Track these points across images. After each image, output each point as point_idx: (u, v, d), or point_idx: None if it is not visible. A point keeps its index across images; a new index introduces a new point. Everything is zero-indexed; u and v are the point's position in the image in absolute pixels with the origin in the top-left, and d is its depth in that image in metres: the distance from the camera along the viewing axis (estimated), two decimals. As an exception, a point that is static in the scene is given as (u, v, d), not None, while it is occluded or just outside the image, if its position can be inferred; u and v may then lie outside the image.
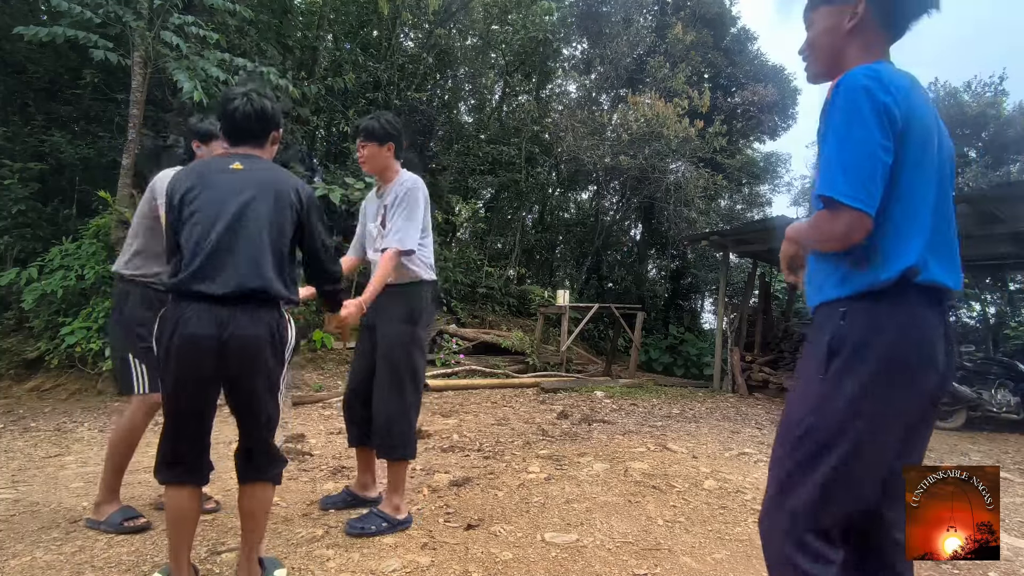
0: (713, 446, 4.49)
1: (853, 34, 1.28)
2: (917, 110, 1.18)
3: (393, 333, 2.52)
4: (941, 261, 1.20)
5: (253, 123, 1.93)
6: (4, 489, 2.96)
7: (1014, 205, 6.20)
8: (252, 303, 1.76)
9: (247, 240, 1.77)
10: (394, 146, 2.67)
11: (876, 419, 1.17)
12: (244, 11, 6.60)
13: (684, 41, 13.33)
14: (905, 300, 1.17)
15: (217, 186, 1.82)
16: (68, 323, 5.75)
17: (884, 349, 1.15)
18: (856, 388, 1.16)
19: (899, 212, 1.18)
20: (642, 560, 2.30)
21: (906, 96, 1.17)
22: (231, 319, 1.72)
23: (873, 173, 1.13)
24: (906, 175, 1.18)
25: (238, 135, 1.95)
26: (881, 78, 1.16)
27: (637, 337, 10.14)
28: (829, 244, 1.22)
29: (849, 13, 1.28)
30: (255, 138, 1.97)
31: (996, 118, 14.78)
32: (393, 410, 2.49)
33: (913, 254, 1.16)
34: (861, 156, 1.14)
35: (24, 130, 7.46)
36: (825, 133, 1.21)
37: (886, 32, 1.29)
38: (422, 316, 2.58)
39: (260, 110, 1.93)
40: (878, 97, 1.13)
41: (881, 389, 1.16)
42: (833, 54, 1.32)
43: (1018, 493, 3.69)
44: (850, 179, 1.13)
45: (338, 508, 2.70)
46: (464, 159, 12.76)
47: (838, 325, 1.20)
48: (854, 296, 1.20)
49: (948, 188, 1.25)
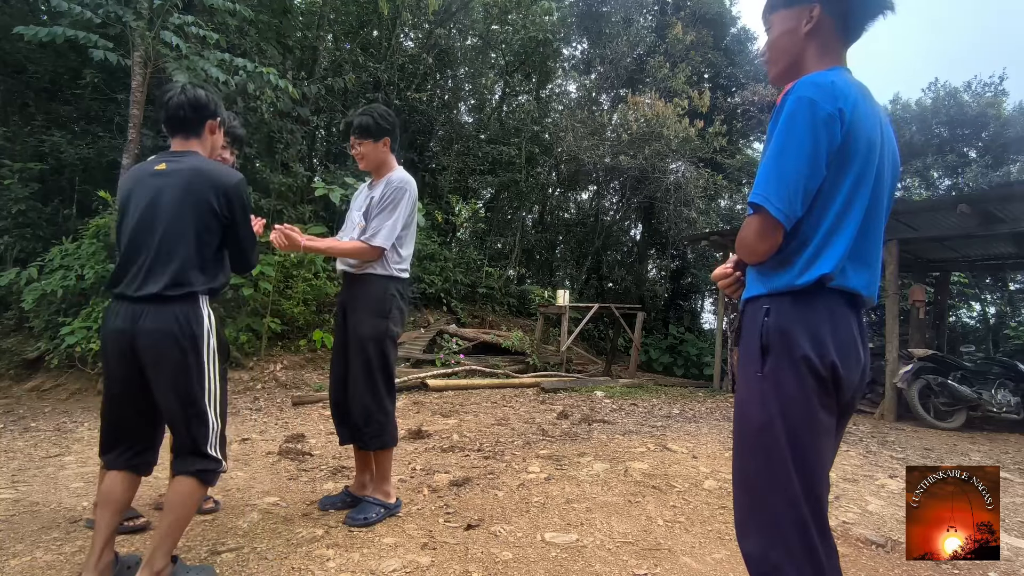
0: (713, 446, 4.49)
1: (810, 37, 1.31)
2: (863, 122, 1.22)
3: (365, 328, 2.56)
4: (858, 269, 1.25)
5: (187, 111, 1.98)
6: (4, 489, 2.96)
7: (1014, 205, 6.20)
8: (159, 300, 1.84)
9: (160, 242, 1.86)
10: (389, 140, 2.66)
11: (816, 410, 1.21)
12: (244, 11, 6.59)
13: (684, 41, 13.34)
14: (820, 300, 1.23)
15: (142, 190, 1.92)
16: (68, 323, 5.75)
17: (803, 340, 1.20)
18: (792, 381, 1.21)
19: (826, 221, 1.22)
20: (642, 560, 2.30)
21: (853, 107, 1.20)
22: (142, 314, 1.83)
23: (798, 188, 1.18)
24: (840, 186, 1.22)
25: (173, 124, 2.01)
26: (829, 88, 1.19)
27: (637, 337, 10.14)
28: (744, 250, 1.29)
29: (806, 16, 1.30)
30: (190, 127, 2.02)
31: (996, 118, 14.77)
32: (369, 402, 2.54)
33: (831, 262, 1.20)
34: (794, 170, 1.18)
35: (24, 130, 7.47)
36: (768, 140, 1.25)
37: (842, 35, 1.32)
38: (392, 310, 2.61)
39: (193, 98, 1.98)
40: (823, 109, 1.17)
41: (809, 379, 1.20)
42: (791, 56, 1.35)
43: (1018, 493, 3.69)
44: (783, 191, 1.18)
45: (337, 508, 2.70)
46: (464, 159, 12.76)
47: (763, 321, 1.25)
48: (773, 293, 1.25)
49: (883, 199, 1.29)
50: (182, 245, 1.87)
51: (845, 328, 1.23)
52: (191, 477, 1.85)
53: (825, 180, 1.20)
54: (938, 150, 15.33)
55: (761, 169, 1.23)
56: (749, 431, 1.27)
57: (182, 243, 1.87)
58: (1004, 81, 15.70)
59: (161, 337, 1.81)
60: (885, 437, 5.59)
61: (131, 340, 1.81)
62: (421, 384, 6.96)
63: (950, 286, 11.65)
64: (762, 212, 1.20)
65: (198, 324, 1.88)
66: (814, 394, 1.20)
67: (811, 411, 1.20)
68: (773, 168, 1.20)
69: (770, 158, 1.21)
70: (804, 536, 1.18)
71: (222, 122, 2.14)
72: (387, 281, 2.62)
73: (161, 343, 1.81)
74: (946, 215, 6.73)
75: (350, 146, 2.68)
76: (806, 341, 1.20)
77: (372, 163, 2.68)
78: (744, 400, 1.29)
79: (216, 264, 1.97)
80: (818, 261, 1.21)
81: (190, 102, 1.98)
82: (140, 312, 1.82)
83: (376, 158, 2.66)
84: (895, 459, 4.55)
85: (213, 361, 1.92)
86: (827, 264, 1.20)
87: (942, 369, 6.70)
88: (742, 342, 1.34)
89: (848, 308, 1.25)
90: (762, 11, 1.42)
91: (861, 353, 1.27)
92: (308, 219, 8.97)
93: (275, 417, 5.13)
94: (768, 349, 1.23)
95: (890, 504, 3.23)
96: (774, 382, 1.22)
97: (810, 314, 1.22)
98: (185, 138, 2.02)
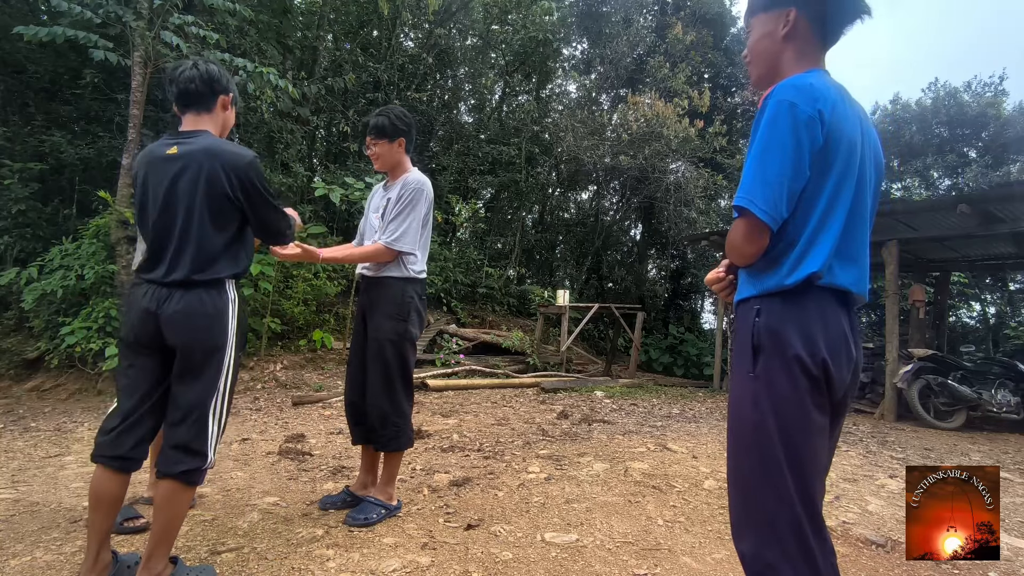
0: (713, 446, 4.49)
1: (787, 40, 1.34)
2: (843, 122, 1.24)
3: (385, 331, 2.58)
4: (845, 266, 1.26)
5: (199, 85, 1.96)
6: (4, 489, 2.96)
7: (1014, 205, 6.20)
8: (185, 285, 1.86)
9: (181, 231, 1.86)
10: (405, 141, 2.69)
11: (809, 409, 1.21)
12: (244, 11, 6.59)
13: (684, 41, 13.34)
14: (809, 299, 1.24)
15: (157, 177, 1.90)
16: (68, 323, 5.75)
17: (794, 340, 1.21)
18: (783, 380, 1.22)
19: (812, 220, 1.23)
20: (642, 560, 2.30)
21: (832, 108, 1.22)
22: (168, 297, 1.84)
23: (782, 189, 1.20)
24: (823, 186, 1.24)
25: (184, 100, 1.98)
26: (808, 90, 1.21)
27: (637, 337, 10.14)
28: (733, 253, 1.31)
29: (783, 20, 1.33)
30: (202, 102, 1.99)
31: (996, 118, 14.78)
32: (386, 404, 2.56)
33: (818, 261, 1.22)
34: (777, 172, 1.20)
35: (24, 130, 7.46)
36: (751, 143, 1.27)
37: (819, 38, 1.34)
38: (411, 312, 2.63)
39: (206, 72, 1.97)
40: (804, 111, 1.19)
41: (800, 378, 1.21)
42: (770, 59, 1.38)
43: (1018, 493, 3.69)
44: (767, 193, 1.20)
45: (337, 508, 2.70)
46: (464, 159, 12.75)
47: (754, 322, 1.26)
48: (763, 295, 1.27)
49: (866, 197, 1.31)
50: (202, 232, 1.87)
51: (835, 326, 1.24)
52: (174, 480, 1.81)
53: (809, 181, 1.22)
54: (938, 150, 15.33)
55: (745, 172, 1.25)
56: (742, 431, 1.28)
57: (202, 230, 1.87)
58: (1004, 81, 15.73)
59: (185, 319, 1.83)
60: (885, 437, 5.59)
61: (156, 321, 1.84)
62: (421, 384, 6.96)
63: (950, 286, 11.65)
64: (747, 215, 1.22)
65: (223, 309, 1.91)
66: (806, 393, 1.21)
67: (804, 410, 1.21)
68: (757, 171, 1.22)
69: (753, 161, 1.23)
70: (799, 535, 1.18)
71: (235, 100, 2.12)
72: (405, 284, 2.63)
73: (185, 325, 1.83)
74: (946, 215, 6.73)
75: (366, 146, 2.71)
76: (797, 340, 1.21)
77: (387, 163, 2.70)
78: (737, 400, 1.30)
79: (239, 246, 1.98)
80: (805, 260, 1.22)
81: (202, 76, 1.95)
82: (167, 295, 1.84)
83: (391, 159, 2.68)
84: (895, 459, 4.55)
85: (231, 346, 1.93)
86: (814, 263, 1.21)
87: (942, 369, 6.70)
88: (734, 343, 1.35)
89: (839, 306, 1.26)
90: (743, 15, 1.45)
91: (852, 350, 1.27)
92: (308, 219, 8.97)
93: (275, 417, 5.13)
94: (759, 349, 1.24)
95: (890, 504, 3.23)
96: (766, 382, 1.23)
97: (800, 313, 1.23)
98: (197, 114, 1.99)
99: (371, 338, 2.61)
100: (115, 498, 1.84)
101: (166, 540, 1.80)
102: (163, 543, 1.79)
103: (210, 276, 1.88)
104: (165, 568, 1.80)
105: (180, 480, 1.81)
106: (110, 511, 1.84)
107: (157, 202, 1.88)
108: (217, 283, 1.91)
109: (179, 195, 1.87)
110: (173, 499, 1.81)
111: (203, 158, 1.87)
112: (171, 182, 1.87)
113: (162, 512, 1.80)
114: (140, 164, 1.95)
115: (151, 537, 1.81)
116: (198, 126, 1.99)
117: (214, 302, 1.88)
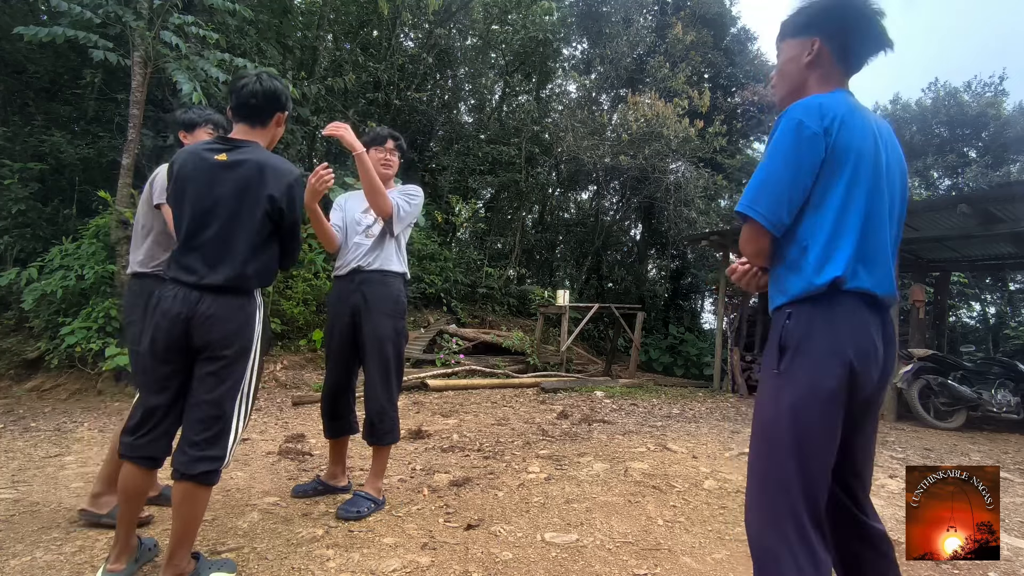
0: (713, 446, 4.49)
1: (811, 67, 1.44)
2: (851, 135, 1.31)
3: (386, 329, 2.68)
4: (870, 270, 1.32)
5: (260, 100, 1.99)
6: (4, 489, 2.96)
7: (1014, 205, 6.20)
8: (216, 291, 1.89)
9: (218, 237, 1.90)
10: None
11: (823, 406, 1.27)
12: (244, 11, 6.59)
13: (684, 41, 13.33)
14: (837, 303, 1.30)
15: (201, 179, 1.92)
16: (68, 323, 5.75)
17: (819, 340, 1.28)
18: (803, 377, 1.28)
19: (825, 226, 1.31)
20: (642, 560, 2.30)
21: (840, 123, 1.30)
22: (199, 300, 1.87)
23: (782, 197, 1.30)
24: (832, 194, 1.31)
25: (242, 112, 2.02)
26: (816, 109, 1.30)
27: (637, 337, 10.14)
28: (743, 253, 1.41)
29: (808, 48, 1.42)
30: (258, 116, 2.03)
31: (996, 118, 14.78)
32: (384, 401, 2.67)
33: (840, 265, 1.28)
34: (777, 182, 1.31)
35: (24, 130, 7.46)
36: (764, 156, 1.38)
37: (842, 67, 1.43)
38: (405, 309, 2.81)
39: (269, 88, 2.01)
40: (808, 128, 1.29)
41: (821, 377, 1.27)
42: (794, 82, 1.47)
43: (1018, 493, 3.69)
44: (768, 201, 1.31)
45: (308, 496, 2.83)
46: (464, 159, 12.75)
47: (783, 324, 1.34)
48: (794, 300, 1.34)
49: (884, 201, 1.36)
50: (240, 241, 1.91)
51: (862, 328, 1.30)
52: (192, 481, 1.85)
53: (816, 189, 1.31)
54: (938, 150, 15.34)
55: (751, 181, 1.37)
56: (760, 422, 1.36)
57: (239, 239, 1.91)
58: (1004, 81, 15.74)
59: (218, 322, 1.86)
60: (885, 437, 5.59)
61: (186, 323, 1.86)
62: (421, 384, 6.96)
63: (950, 286, 11.65)
64: (749, 220, 1.34)
65: (252, 313, 1.96)
66: (825, 390, 1.26)
67: (818, 406, 1.26)
68: (760, 180, 1.34)
69: (759, 172, 1.35)
70: (796, 522, 1.23)
71: (288, 116, 2.16)
72: (400, 281, 2.80)
73: (217, 328, 1.86)
74: (946, 215, 6.73)
75: (387, 152, 2.83)
76: (822, 341, 1.28)
77: (392, 174, 2.90)
78: (761, 395, 1.39)
79: (269, 257, 2.02)
80: (828, 265, 1.29)
81: (264, 92, 1.99)
82: (198, 299, 1.87)
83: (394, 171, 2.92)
84: (895, 459, 4.55)
85: (256, 351, 1.99)
86: (837, 267, 1.28)
87: (942, 369, 6.70)
88: (766, 347, 1.42)
89: (867, 308, 1.32)
90: (775, 38, 1.54)
91: (880, 351, 1.32)
92: (308, 219, 8.96)
93: (275, 417, 5.13)
94: (785, 349, 1.32)
95: (890, 504, 3.23)
96: (788, 378, 1.30)
97: (828, 316, 1.29)
98: (251, 126, 2.03)
99: (370, 336, 2.67)
100: (143, 492, 1.97)
101: (187, 538, 1.86)
102: (184, 541, 1.85)
103: (244, 284, 1.93)
104: (188, 564, 1.87)
105: (198, 481, 1.86)
106: (139, 502, 1.96)
107: (198, 205, 1.91)
108: (248, 290, 1.96)
109: (224, 202, 1.90)
110: (192, 499, 1.86)
111: (254, 170, 1.92)
112: (218, 188, 1.90)
113: (181, 512, 1.84)
114: (186, 162, 1.96)
115: (172, 536, 1.86)
116: (249, 137, 2.03)
117: (244, 307, 1.93)
